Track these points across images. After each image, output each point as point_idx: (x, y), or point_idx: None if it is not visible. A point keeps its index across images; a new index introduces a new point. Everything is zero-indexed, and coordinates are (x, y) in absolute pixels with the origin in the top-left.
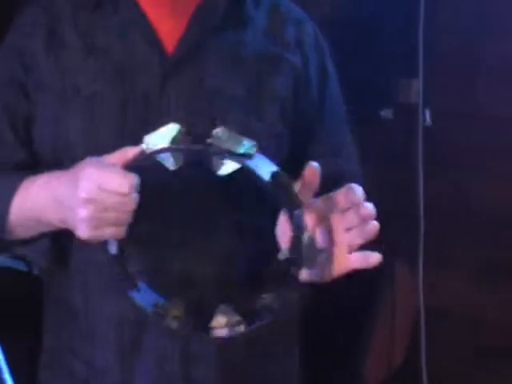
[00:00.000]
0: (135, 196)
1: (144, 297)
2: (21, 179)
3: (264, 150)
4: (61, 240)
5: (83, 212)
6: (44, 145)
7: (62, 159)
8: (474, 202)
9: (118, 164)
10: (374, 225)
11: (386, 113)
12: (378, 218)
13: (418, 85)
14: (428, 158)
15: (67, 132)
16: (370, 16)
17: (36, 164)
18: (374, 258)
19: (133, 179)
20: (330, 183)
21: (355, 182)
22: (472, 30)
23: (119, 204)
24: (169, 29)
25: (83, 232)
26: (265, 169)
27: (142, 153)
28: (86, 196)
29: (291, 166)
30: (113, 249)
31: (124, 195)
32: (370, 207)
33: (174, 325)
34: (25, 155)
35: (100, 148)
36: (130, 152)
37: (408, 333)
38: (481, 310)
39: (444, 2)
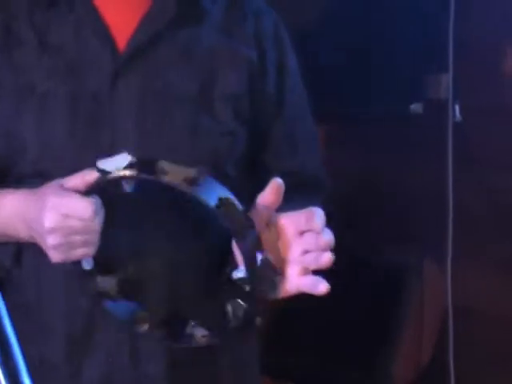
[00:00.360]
0: (99, 217)
1: (119, 307)
2: None
3: (217, 149)
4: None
5: (51, 240)
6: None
7: (16, 160)
8: (504, 199)
9: (78, 187)
10: (329, 256)
11: (416, 108)
12: (406, 215)
13: (447, 80)
14: (457, 153)
15: (21, 131)
16: (399, 10)
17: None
18: (323, 286)
19: (94, 203)
20: (285, 185)
21: (313, 182)
22: (503, 25)
23: (85, 228)
24: (122, 26)
25: (55, 257)
26: (211, 195)
27: (100, 178)
28: (51, 226)
29: (248, 163)
30: (86, 265)
31: (88, 219)
32: (328, 236)
33: (150, 333)
34: None
35: (52, 148)
36: (88, 176)
37: (436, 332)
38: (510, 309)
39: None
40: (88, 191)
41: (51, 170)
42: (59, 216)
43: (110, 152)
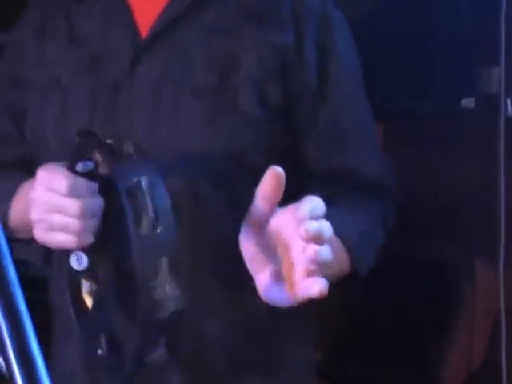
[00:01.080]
0: (87, 201)
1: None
2: (19, 179)
3: (239, 140)
4: None
5: (33, 213)
6: (29, 139)
7: (41, 155)
8: None
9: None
10: (314, 249)
11: (467, 102)
12: (457, 213)
13: (499, 74)
14: (510, 148)
15: (43, 126)
16: (450, 4)
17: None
18: (317, 287)
19: (75, 182)
20: (332, 187)
21: (370, 185)
22: None
23: (62, 206)
24: (146, 14)
25: (36, 234)
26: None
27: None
28: (34, 197)
29: (287, 159)
30: (75, 263)
31: (65, 196)
32: (314, 227)
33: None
34: (25, 151)
35: (71, 141)
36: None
37: (488, 334)
38: None
39: None
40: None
41: None
42: (44, 189)
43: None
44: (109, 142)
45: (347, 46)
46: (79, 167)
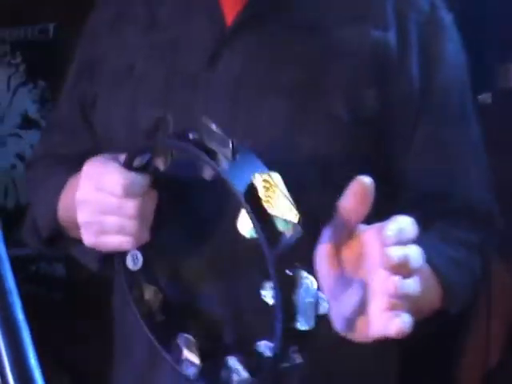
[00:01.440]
0: (140, 200)
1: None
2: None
3: (324, 149)
4: None
5: (81, 215)
6: (97, 132)
7: (108, 149)
8: None
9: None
10: (394, 282)
11: (485, 98)
12: None
13: None
14: None
15: (111, 116)
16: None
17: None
18: (395, 325)
19: (129, 178)
20: (418, 205)
21: (461, 207)
22: None
23: (117, 208)
24: (233, 1)
25: (86, 238)
26: (243, 176)
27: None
28: (81, 198)
29: (380, 174)
30: (131, 263)
31: (120, 197)
32: (396, 254)
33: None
34: (90, 146)
35: (139, 139)
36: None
37: (504, 333)
38: None
39: None
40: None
41: None
42: (92, 187)
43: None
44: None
45: (457, 55)
46: (136, 161)
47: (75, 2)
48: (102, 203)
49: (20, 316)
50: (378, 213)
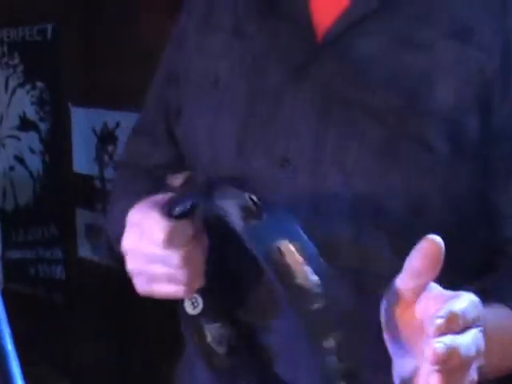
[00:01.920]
0: (182, 250)
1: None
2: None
3: (416, 182)
4: None
5: (130, 264)
6: (179, 144)
7: (191, 163)
8: None
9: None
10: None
11: None
12: None
13: None
14: None
15: (194, 130)
16: None
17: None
18: None
19: (172, 229)
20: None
21: None
22: None
23: (162, 258)
24: (325, 12)
25: (138, 286)
26: (265, 239)
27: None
28: (128, 247)
29: (466, 208)
30: (189, 307)
31: (163, 247)
32: (441, 348)
33: None
34: (171, 156)
35: (220, 155)
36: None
37: None
38: None
39: None
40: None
41: None
42: (137, 237)
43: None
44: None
45: None
46: (177, 211)
47: (73, 3)
48: (148, 253)
49: (9, 346)
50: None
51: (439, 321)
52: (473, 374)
